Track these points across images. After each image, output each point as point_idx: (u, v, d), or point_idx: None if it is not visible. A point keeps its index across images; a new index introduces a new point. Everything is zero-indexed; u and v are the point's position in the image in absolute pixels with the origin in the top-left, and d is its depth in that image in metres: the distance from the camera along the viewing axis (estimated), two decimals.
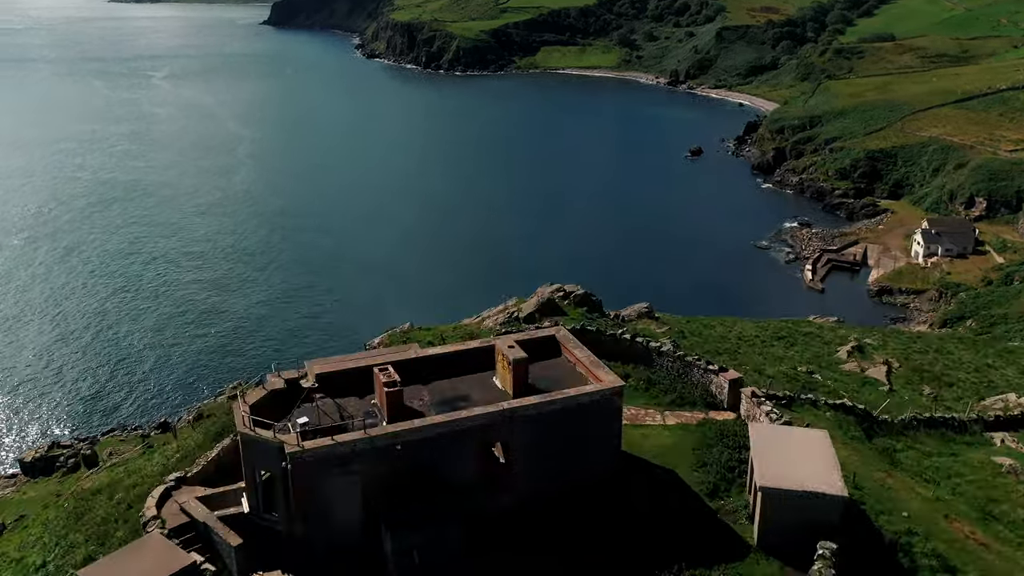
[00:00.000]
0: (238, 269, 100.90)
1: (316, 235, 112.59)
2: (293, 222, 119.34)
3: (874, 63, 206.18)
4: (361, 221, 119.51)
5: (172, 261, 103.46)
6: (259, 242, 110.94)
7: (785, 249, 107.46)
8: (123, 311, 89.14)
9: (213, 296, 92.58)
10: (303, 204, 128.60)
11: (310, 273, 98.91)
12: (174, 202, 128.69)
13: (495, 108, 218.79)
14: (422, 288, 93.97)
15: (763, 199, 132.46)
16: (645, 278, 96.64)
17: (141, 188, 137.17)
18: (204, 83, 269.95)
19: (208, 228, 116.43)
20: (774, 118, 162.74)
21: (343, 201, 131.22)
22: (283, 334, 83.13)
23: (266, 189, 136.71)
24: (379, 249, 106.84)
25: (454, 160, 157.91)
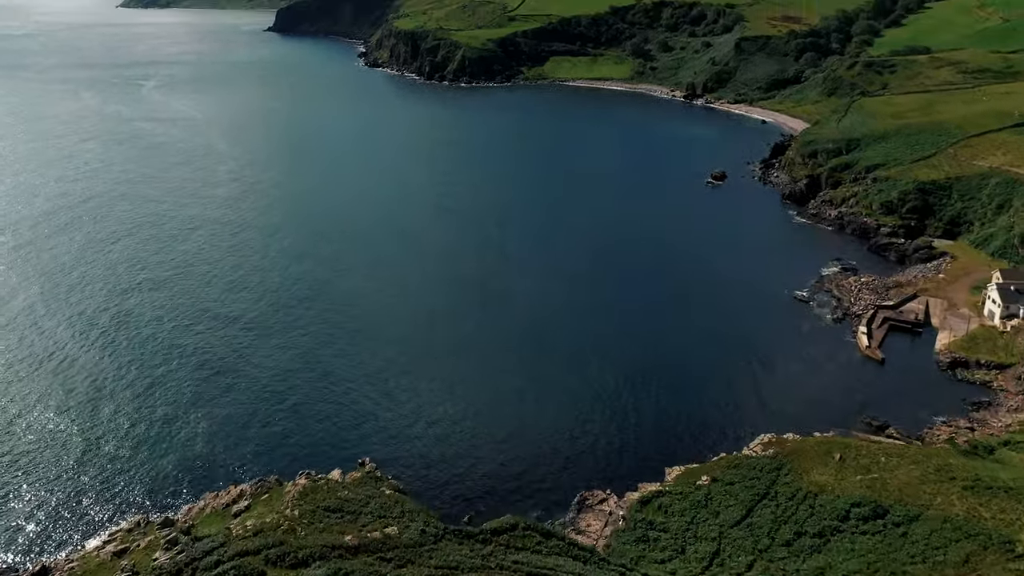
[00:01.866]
0: (179, 338, 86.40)
1: (286, 286, 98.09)
2: (264, 264, 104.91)
3: (910, 78, 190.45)
4: (334, 269, 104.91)
5: (104, 328, 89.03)
6: (227, 293, 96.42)
7: (831, 303, 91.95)
8: (52, 384, 74.84)
9: (146, 373, 78.11)
10: (282, 240, 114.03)
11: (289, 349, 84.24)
12: (116, 241, 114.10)
13: (498, 126, 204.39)
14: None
15: (798, 236, 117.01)
16: (663, 342, 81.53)
17: (85, 220, 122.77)
18: (195, 94, 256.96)
19: (158, 275, 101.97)
20: (805, 140, 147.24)
21: (324, 238, 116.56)
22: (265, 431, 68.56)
23: (242, 219, 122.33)
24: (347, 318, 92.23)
25: (447, 190, 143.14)
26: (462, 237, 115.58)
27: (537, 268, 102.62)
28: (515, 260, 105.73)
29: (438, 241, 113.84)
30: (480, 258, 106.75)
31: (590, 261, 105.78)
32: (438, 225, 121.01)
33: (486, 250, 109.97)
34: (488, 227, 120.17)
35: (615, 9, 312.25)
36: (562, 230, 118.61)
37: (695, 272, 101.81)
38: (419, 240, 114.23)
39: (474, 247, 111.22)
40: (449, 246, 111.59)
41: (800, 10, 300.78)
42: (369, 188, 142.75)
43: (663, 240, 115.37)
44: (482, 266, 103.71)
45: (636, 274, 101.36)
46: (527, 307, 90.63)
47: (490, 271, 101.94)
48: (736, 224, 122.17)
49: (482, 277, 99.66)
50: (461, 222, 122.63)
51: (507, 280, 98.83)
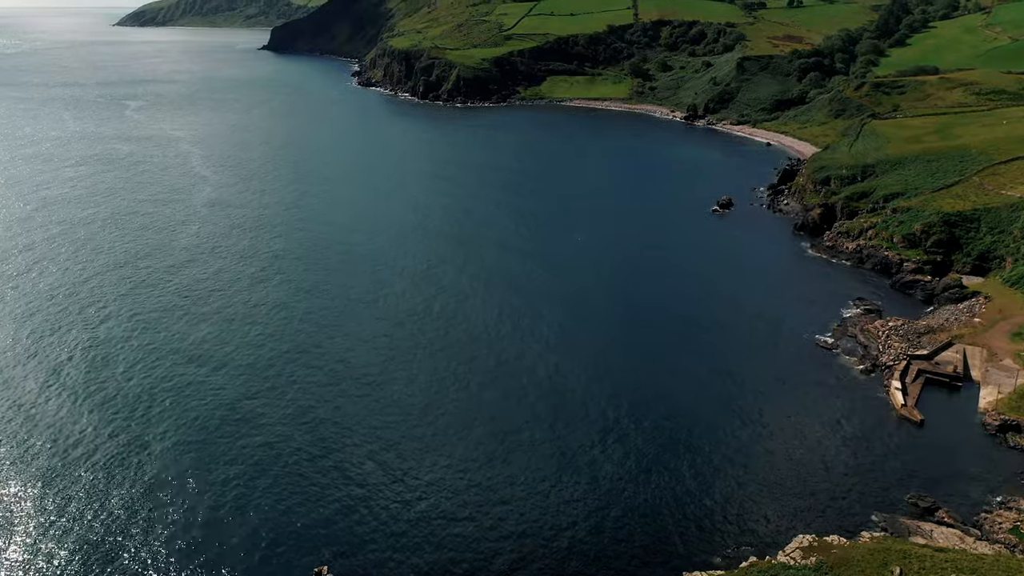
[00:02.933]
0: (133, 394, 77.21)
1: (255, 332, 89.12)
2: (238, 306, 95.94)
3: (920, 100, 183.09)
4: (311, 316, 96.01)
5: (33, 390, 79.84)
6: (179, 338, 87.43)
7: (857, 350, 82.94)
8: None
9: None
10: (260, 284, 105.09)
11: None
12: (65, 286, 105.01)
13: (492, 149, 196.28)
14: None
15: (813, 271, 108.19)
16: (670, 402, 72.36)
17: (40, 257, 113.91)
18: (180, 114, 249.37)
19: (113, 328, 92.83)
20: (817, 166, 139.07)
21: (297, 275, 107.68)
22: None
23: (216, 257, 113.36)
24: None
25: (434, 217, 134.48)
26: (452, 267, 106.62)
27: (527, 308, 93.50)
28: (502, 300, 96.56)
29: (425, 273, 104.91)
30: (460, 290, 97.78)
31: (586, 299, 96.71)
32: (426, 254, 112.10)
33: (469, 283, 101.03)
34: (480, 258, 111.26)
35: (613, 28, 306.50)
36: (555, 264, 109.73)
37: (703, 313, 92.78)
38: (403, 274, 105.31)
39: (462, 278, 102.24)
40: (436, 276, 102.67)
41: (802, 30, 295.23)
42: (345, 214, 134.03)
43: (667, 274, 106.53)
44: (461, 300, 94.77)
45: (637, 314, 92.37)
46: (517, 358, 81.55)
47: (473, 308, 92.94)
48: (746, 257, 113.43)
49: (466, 316, 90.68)
50: (451, 250, 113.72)
51: (495, 324, 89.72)
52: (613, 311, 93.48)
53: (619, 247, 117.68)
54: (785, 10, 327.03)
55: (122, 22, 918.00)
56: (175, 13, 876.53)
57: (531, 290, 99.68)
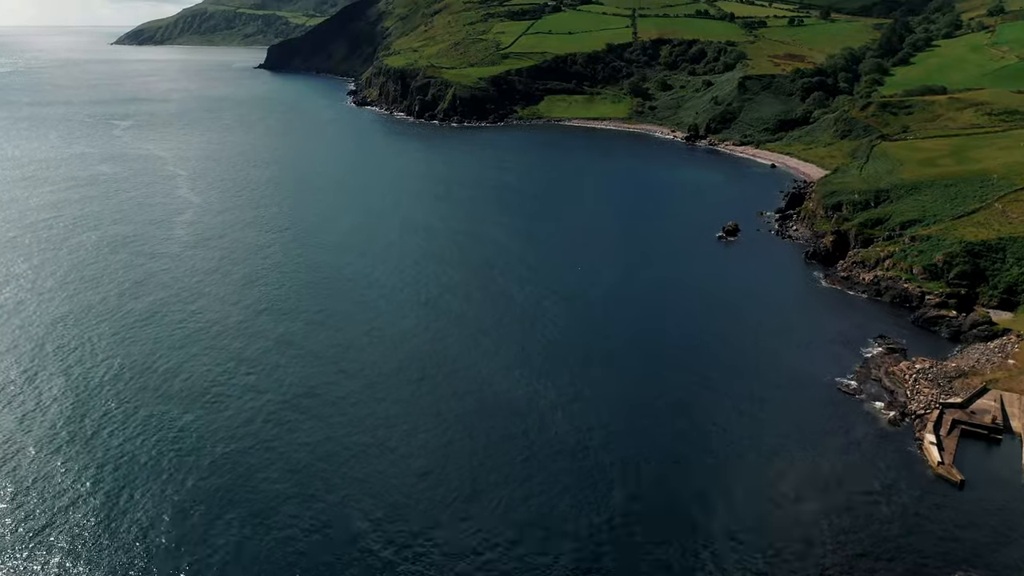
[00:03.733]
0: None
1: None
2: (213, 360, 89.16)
3: (930, 120, 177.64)
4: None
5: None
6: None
7: (882, 395, 76.11)
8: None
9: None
10: (238, 322, 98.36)
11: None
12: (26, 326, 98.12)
13: (488, 172, 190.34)
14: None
15: (828, 305, 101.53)
16: (680, 463, 65.41)
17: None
18: (169, 134, 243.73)
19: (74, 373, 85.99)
20: (827, 190, 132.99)
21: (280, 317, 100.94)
22: None
23: (198, 296, 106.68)
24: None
25: (427, 247, 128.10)
26: (449, 299, 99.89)
27: (518, 348, 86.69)
28: (501, 340, 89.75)
29: (426, 304, 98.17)
30: (456, 331, 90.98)
31: (588, 338, 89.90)
32: (421, 284, 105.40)
33: (467, 323, 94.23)
34: (477, 291, 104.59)
35: (612, 47, 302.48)
36: (555, 295, 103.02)
37: (714, 353, 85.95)
38: (393, 305, 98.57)
39: (457, 317, 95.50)
40: (434, 309, 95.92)
41: (803, 48, 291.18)
42: (335, 237, 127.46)
43: (673, 308, 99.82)
44: (458, 342, 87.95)
45: (643, 355, 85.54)
46: (504, 409, 74.70)
47: (471, 353, 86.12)
48: (756, 289, 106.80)
49: (466, 364, 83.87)
50: (447, 280, 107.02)
51: (484, 371, 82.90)
52: (617, 352, 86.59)
53: (621, 277, 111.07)
54: (785, 28, 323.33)
55: (120, 41, 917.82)
56: (173, 32, 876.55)
57: (531, 327, 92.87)
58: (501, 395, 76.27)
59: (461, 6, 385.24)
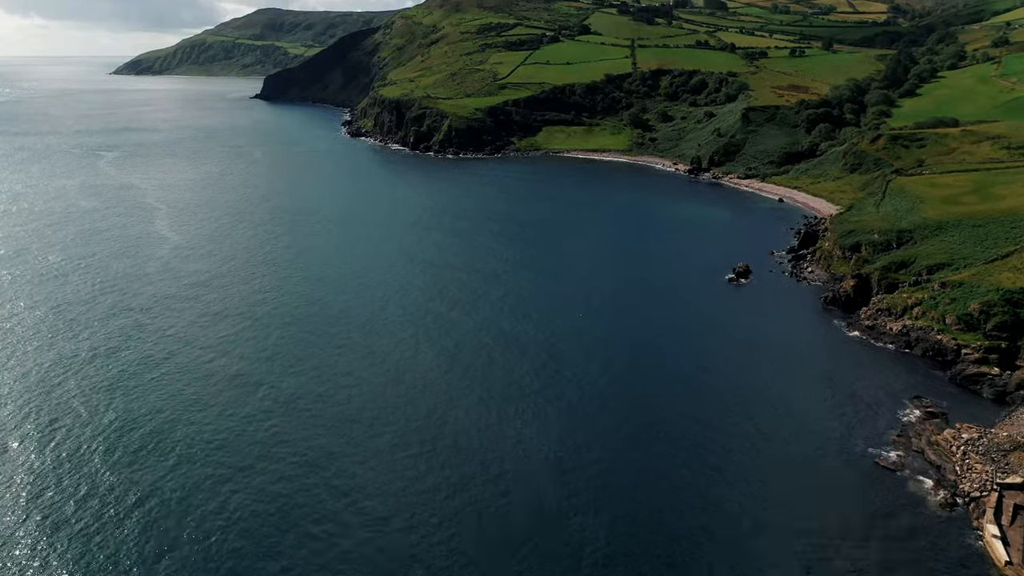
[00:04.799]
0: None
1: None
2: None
3: (944, 154, 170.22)
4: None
5: None
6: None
7: (928, 471, 66.66)
8: None
9: None
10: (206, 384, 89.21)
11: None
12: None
13: (483, 206, 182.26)
14: None
15: (854, 359, 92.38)
16: (692, 550, 55.76)
17: None
18: (156, 166, 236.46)
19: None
20: (844, 229, 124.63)
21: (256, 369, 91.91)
22: None
23: (165, 348, 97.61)
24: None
25: (417, 292, 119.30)
26: (439, 354, 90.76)
27: (523, 417, 77.42)
28: (497, 401, 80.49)
29: (409, 362, 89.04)
30: (448, 389, 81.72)
31: (591, 400, 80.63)
32: (409, 337, 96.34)
33: (458, 380, 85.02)
34: (472, 345, 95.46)
35: (611, 77, 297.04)
36: (555, 348, 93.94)
37: (732, 419, 76.57)
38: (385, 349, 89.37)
39: (448, 371, 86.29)
40: (423, 365, 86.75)
41: (806, 79, 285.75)
42: (322, 280, 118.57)
43: (684, 363, 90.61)
44: (450, 404, 78.65)
45: (653, 420, 76.19)
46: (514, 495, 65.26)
47: (466, 416, 76.81)
48: (774, 340, 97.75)
49: (459, 431, 74.54)
50: (437, 332, 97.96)
51: (490, 436, 73.57)
52: (622, 418, 77.23)
53: (625, 325, 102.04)
54: (787, 59, 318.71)
55: (119, 71, 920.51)
56: (172, 62, 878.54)
57: (529, 387, 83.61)
58: (498, 476, 66.81)
59: (458, 36, 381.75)
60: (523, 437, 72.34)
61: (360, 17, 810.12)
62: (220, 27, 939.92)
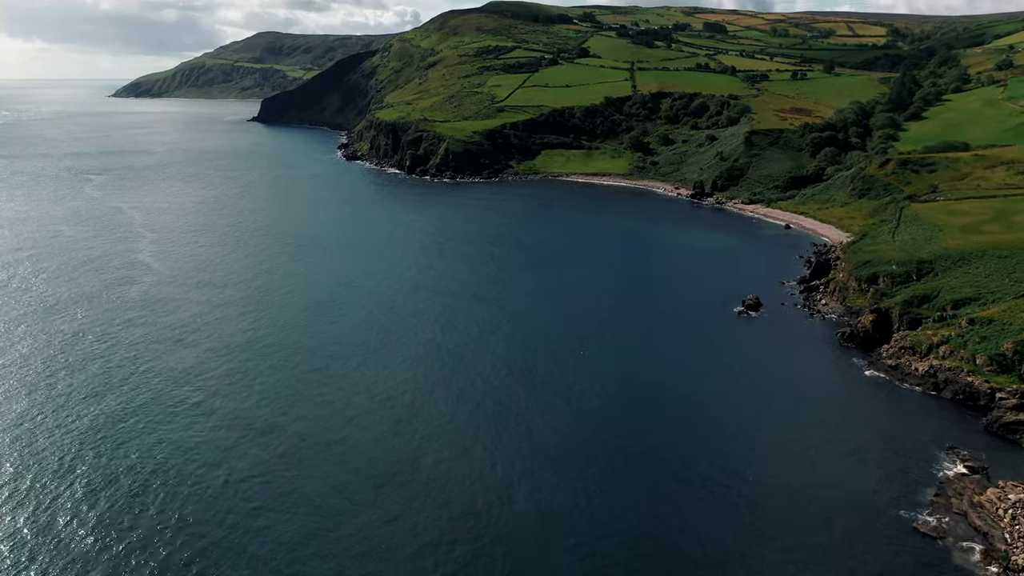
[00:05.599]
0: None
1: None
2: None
3: (957, 179, 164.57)
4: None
5: None
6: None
7: (973, 538, 59.45)
8: None
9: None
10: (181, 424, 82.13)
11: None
12: None
13: (480, 232, 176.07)
14: None
15: (877, 401, 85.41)
16: None
17: None
18: (145, 190, 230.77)
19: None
20: (859, 260, 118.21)
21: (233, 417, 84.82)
22: None
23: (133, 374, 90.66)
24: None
25: (408, 322, 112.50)
26: (436, 396, 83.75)
27: (528, 470, 70.32)
28: (497, 451, 73.41)
29: (409, 405, 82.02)
30: (445, 437, 74.63)
31: (598, 452, 73.55)
32: (403, 375, 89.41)
33: (457, 425, 77.97)
34: (470, 382, 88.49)
35: (611, 100, 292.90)
36: (555, 388, 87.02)
37: (749, 476, 69.41)
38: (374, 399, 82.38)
39: (446, 416, 79.24)
40: (418, 410, 79.72)
41: (809, 102, 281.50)
42: (307, 316, 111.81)
43: (695, 408, 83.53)
44: (446, 453, 71.55)
45: (664, 476, 69.06)
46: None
47: (465, 470, 69.65)
48: (789, 379, 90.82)
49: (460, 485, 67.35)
50: (432, 368, 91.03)
51: (494, 495, 66.43)
52: (629, 475, 70.10)
53: (631, 362, 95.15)
54: (789, 82, 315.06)
55: (118, 93, 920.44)
56: (171, 85, 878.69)
57: (532, 434, 76.57)
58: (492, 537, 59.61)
59: (456, 59, 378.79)
60: (536, 507, 65.21)
61: (359, 41, 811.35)
62: (219, 50, 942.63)
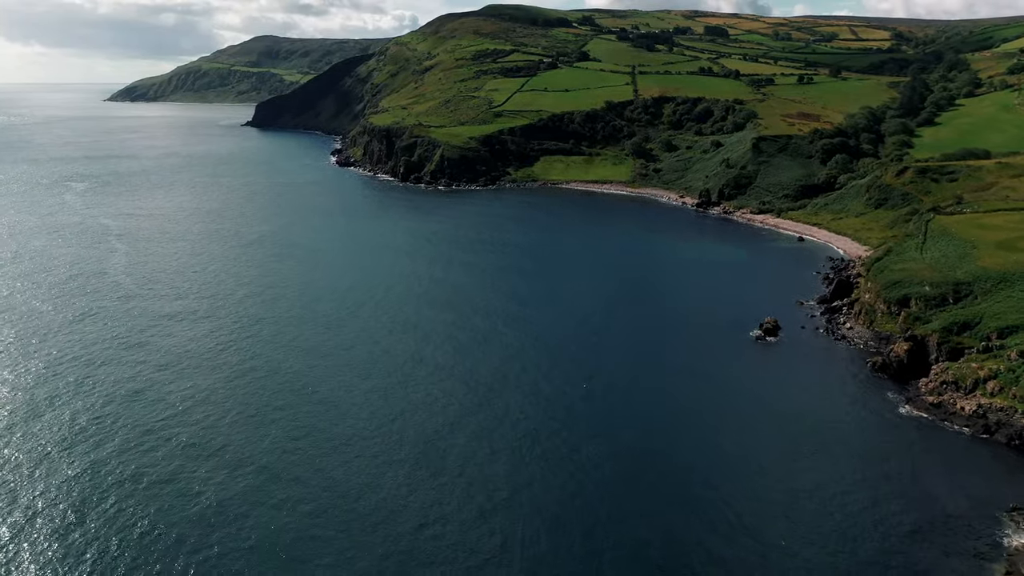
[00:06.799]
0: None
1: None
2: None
3: (982, 189, 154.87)
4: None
5: None
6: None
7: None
8: None
9: None
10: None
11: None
12: None
13: (475, 246, 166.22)
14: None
15: (921, 447, 75.43)
16: None
17: None
18: (127, 197, 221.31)
19: None
20: (887, 279, 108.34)
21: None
22: None
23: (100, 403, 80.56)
24: None
25: (398, 350, 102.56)
26: (421, 435, 73.82)
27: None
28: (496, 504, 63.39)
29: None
30: (435, 489, 64.67)
31: (600, 508, 63.61)
32: (389, 414, 79.49)
33: (446, 474, 67.98)
34: (462, 424, 78.60)
35: (611, 104, 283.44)
36: (554, 429, 77.15)
37: (774, 528, 59.42)
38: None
39: (433, 464, 69.31)
40: (403, 452, 69.84)
41: (817, 107, 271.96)
42: (287, 341, 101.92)
43: (712, 453, 73.59)
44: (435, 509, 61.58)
45: (677, 540, 59.09)
46: None
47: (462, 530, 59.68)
48: (816, 418, 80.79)
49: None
50: (420, 406, 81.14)
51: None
52: (649, 531, 60.17)
53: (638, 399, 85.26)
54: (795, 86, 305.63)
55: (113, 97, 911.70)
56: (167, 89, 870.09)
57: (528, 483, 66.64)
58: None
59: (453, 63, 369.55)
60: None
61: (357, 44, 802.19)
62: (216, 54, 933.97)
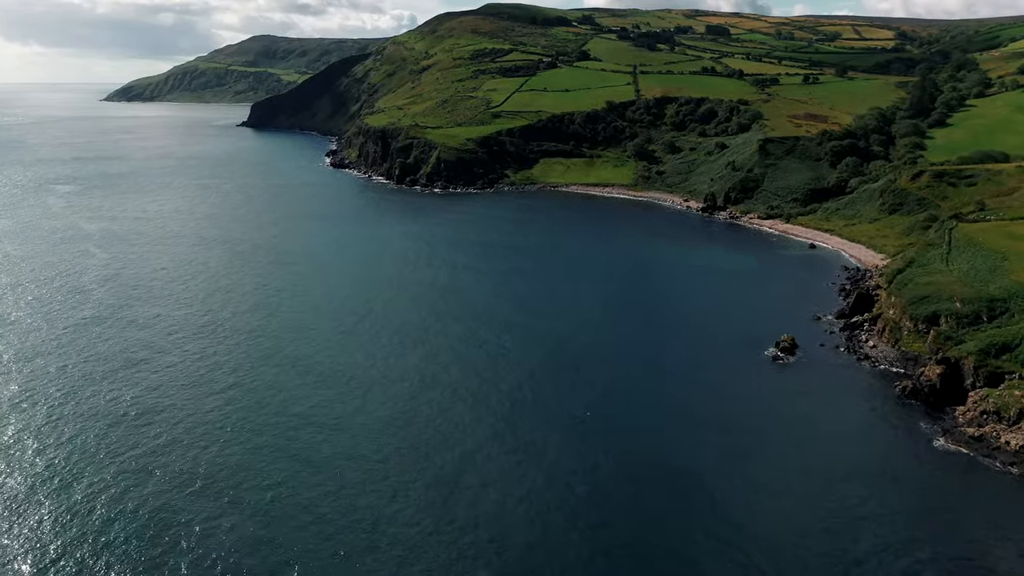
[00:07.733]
0: None
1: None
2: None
3: (1004, 194, 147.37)
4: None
5: None
6: None
7: None
8: None
9: None
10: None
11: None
12: None
13: (471, 254, 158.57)
14: None
15: (962, 490, 67.89)
16: None
17: None
18: (112, 200, 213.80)
19: None
20: (913, 294, 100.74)
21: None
22: None
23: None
24: None
25: (387, 372, 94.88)
26: (409, 464, 66.25)
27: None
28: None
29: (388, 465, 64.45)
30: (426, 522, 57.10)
31: (607, 541, 56.06)
32: (375, 435, 71.91)
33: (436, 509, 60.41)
34: (451, 460, 71.00)
35: (613, 105, 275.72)
36: (549, 469, 69.56)
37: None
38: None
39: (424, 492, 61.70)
40: (392, 477, 62.25)
41: (824, 108, 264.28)
42: (266, 360, 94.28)
43: (730, 495, 66.00)
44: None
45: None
46: None
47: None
48: (845, 455, 73.18)
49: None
50: (408, 437, 73.58)
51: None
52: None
53: (642, 433, 77.63)
54: (800, 86, 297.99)
55: (110, 97, 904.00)
56: (163, 89, 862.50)
57: (520, 532, 59.09)
58: None
59: (450, 62, 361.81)
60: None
61: (355, 44, 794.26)
62: (213, 54, 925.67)
